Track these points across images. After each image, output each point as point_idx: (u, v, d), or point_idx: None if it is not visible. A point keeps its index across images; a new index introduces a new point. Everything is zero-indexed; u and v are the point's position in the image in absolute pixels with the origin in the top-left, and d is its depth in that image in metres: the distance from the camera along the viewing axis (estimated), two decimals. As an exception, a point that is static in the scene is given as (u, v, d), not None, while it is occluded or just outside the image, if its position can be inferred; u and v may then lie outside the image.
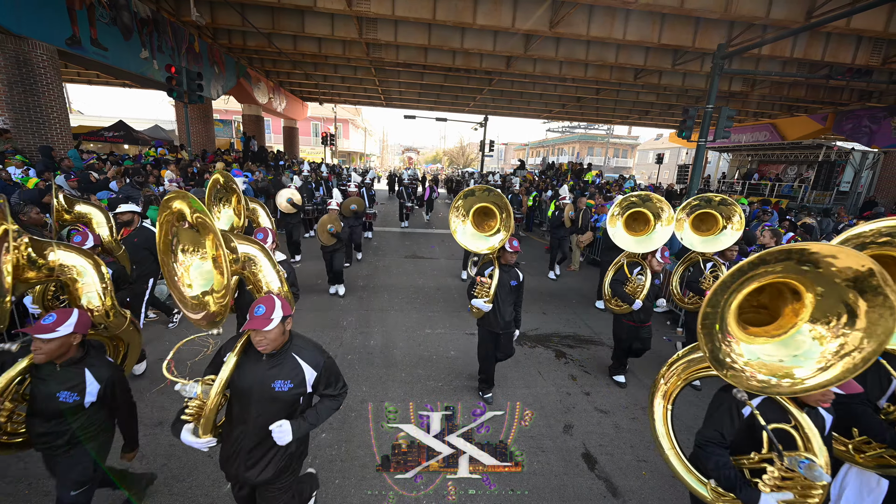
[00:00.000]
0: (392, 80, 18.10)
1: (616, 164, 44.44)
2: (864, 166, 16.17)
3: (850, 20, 9.30)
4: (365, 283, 7.40)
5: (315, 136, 36.72)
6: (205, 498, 2.76)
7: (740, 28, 10.66)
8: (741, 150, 21.50)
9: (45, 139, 8.26)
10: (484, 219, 4.02)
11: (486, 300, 3.69)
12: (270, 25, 11.62)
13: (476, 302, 3.71)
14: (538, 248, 10.91)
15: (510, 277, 3.77)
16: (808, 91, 15.38)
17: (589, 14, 10.45)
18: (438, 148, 72.22)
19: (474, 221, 3.98)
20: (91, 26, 8.85)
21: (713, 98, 10.15)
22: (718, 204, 4.69)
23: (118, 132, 15.94)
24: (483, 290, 3.73)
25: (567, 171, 19.29)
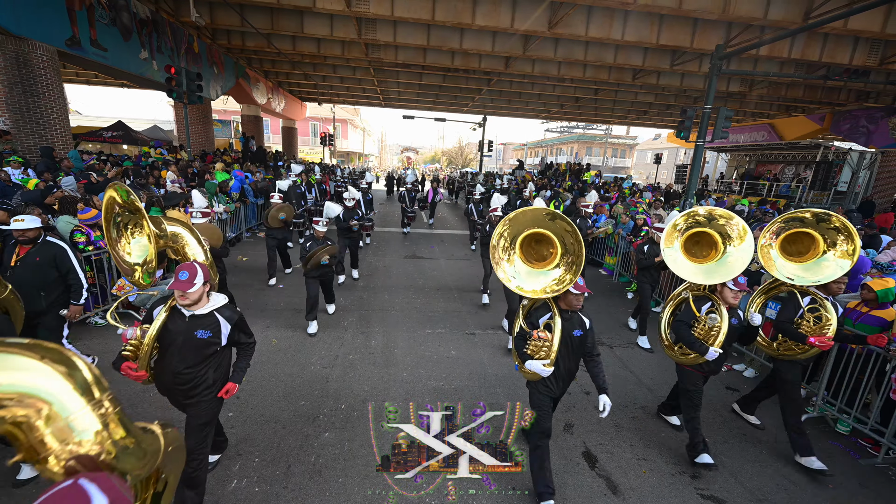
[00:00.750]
0: (391, 80, 18.13)
1: (614, 163, 44.54)
2: (861, 166, 16.26)
3: (848, 21, 9.37)
4: (365, 284, 7.43)
5: (314, 137, 36.71)
6: (210, 496, 2.78)
7: (738, 29, 10.72)
8: (739, 150, 21.59)
9: (45, 140, 8.26)
10: (535, 247, 2.98)
11: (546, 363, 2.74)
12: (269, 26, 11.64)
13: (532, 365, 2.76)
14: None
15: (573, 326, 2.84)
16: (805, 91, 15.47)
17: (587, 15, 10.49)
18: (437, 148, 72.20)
19: (522, 254, 2.93)
20: (91, 27, 8.86)
21: (711, 98, 10.21)
22: (818, 222, 3.47)
23: (117, 132, 15.92)
24: (540, 348, 2.75)
25: (566, 171, 19.31)
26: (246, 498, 2.79)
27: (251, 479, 2.95)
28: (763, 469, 3.40)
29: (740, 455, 3.55)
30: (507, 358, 4.97)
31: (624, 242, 8.21)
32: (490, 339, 5.45)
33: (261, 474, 3.00)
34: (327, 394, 4.01)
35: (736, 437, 3.79)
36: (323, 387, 4.13)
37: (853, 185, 16.33)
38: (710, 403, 4.19)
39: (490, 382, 4.40)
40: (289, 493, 2.86)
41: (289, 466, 3.08)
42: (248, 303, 6.16)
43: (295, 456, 3.19)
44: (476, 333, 5.60)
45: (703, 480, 3.22)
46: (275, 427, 3.50)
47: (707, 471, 3.29)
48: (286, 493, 2.85)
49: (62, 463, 1.14)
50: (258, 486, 2.89)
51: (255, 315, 5.66)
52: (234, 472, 3.00)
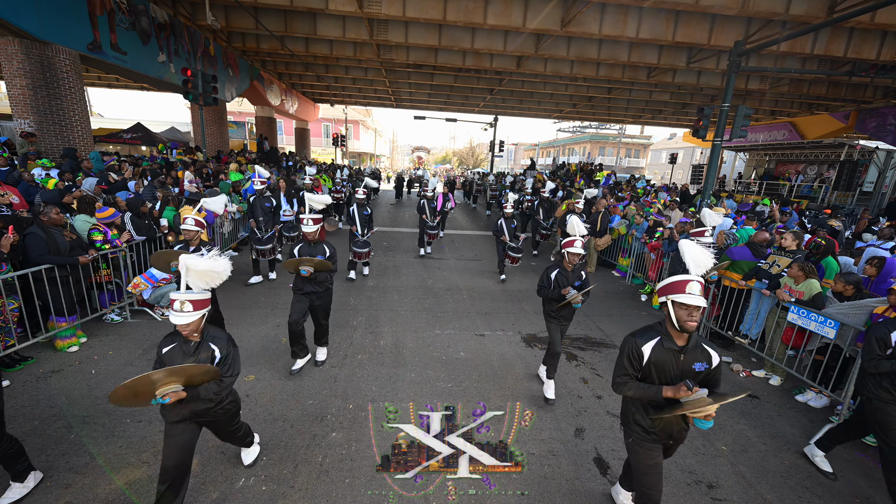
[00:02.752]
0: (402, 81, 18.18)
1: (628, 163, 43.86)
2: (889, 166, 15.66)
3: (875, 14, 9.03)
4: (374, 284, 7.43)
5: (326, 137, 37.08)
6: (218, 494, 2.79)
7: (758, 24, 10.42)
8: (758, 150, 21.03)
9: (67, 141, 8.50)
10: None
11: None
12: (283, 28, 11.78)
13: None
14: (546, 248, 10.81)
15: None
16: (829, 88, 14.95)
17: (601, 12, 10.33)
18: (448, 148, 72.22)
19: None
20: (111, 31, 9.09)
21: (730, 96, 9.94)
22: None
23: (136, 134, 16.32)
24: None
25: (576, 171, 19.08)
26: (254, 497, 2.79)
27: (258, 477, 2.95)
28: (786, 480, 3.27)
29: (759, 464, 3.42)
30: (517, 360, 4.90)
31: (638, 244, 8.04)
32: (499, 340, 5.39)
33: (268, 473, 3.00)
34: (335, 393, 4.01)
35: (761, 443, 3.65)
36: (331, 386, 4.12)
37: (880, 186, 15.74)
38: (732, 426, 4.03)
39: (500, 385, 4.34)
40: (296, 492, 2.85)
41: (296, 466, 3.08)
42: (258, 301, 6.22)
43: (302, 455, 3.18)
44: (486, 335, 5.55)
45: (719, 490, 3.10)
46: (282, 426, 3.50)
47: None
48: (293, 493, 2.84)
49: None
50: (265, 485, 2.89)
51: (265, 313, 5.70)
52: (241, 469, 3.00)
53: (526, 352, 5.14)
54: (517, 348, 5.22)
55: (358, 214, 7.18)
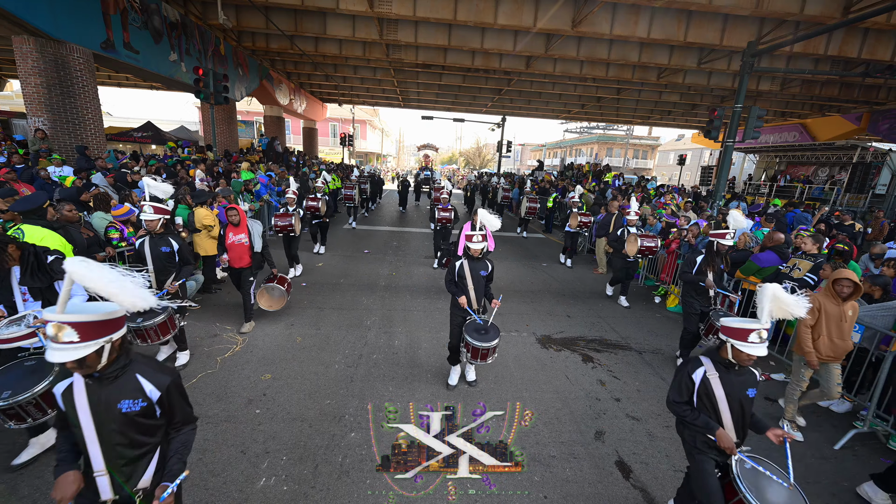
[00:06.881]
0: (410, 80, 18.18)
1: (636, 165, 43.63)
2: (902, 168, 15.45)
3: (891, 15, 8.91)
4: (387, 283, 7.41)
5: (333, 137, 37.20)
6: (239, 494, 2.78)
7: (771, 25, 10.32)
8: (768, 151, 20.84)
9: (80, 139, 8.55)
10: None
11: None
12: (293, 27, 11.81)
13: None
14: (556, 249, 10.74)
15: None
16: (841, 90, 14.79)
17: (612, 12, 10.27)
18: (454, 148, 72.15)
19: None
20: (124, 30, 9.15)
21: (742, 97, 9.85)
22: None
23: (146, 133, 16.43)
24: None
25: (588, 171, 18.98)
26: (275, 497, 2.77)
27: (279, 477, 2.94)
28: (809, 486, 3.21)
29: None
30: (533, 360, 4.87)
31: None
32: (513, 341, 5.35)
33: (289, 473, 2.98)
34: (352, 393, 3.99)
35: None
36: (348, 386, 4.11)
37: (893, 188, 15.54)
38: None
39: (516, 385, 4.31)
40: (317, 493, 2.83)
41: (316, 466, 3.06)
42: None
43: (322, 455, 3.17)
44: (500, 336, 5.49)
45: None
46: (301, 426, 3.49)
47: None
48: (315, 493, 2.82)
49: None
50: (286, 485, 2.87)
51: (279, 313, 5.70)
52: (262, 469, 2.99)
53: (541, 353, 5.10)
54: (532, 349, 5.18)
55: None
